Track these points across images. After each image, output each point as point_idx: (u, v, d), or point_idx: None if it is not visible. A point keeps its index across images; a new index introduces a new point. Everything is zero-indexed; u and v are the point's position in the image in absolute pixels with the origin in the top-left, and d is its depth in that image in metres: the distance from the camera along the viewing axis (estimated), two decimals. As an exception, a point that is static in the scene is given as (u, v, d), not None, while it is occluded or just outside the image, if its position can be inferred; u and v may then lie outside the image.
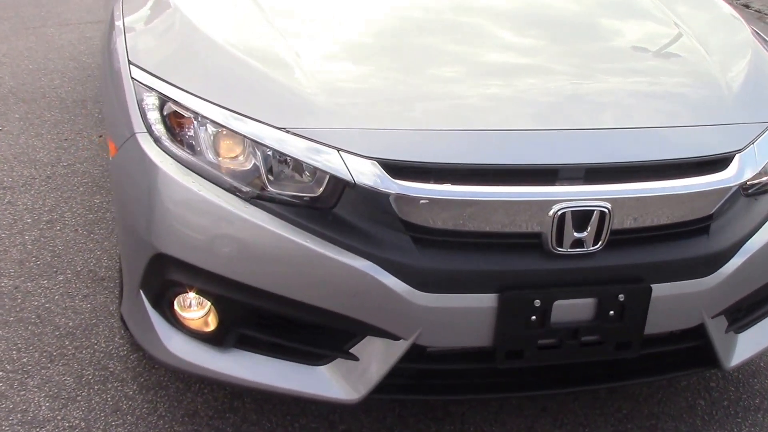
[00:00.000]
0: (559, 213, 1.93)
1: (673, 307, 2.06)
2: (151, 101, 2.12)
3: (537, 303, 1.95)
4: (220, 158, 2.02)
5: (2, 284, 2.93)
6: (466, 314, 1.96)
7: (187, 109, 2.05)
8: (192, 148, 2.04)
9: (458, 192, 1.91)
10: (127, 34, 2.33)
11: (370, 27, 2.43)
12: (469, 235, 1.96)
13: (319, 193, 1.95)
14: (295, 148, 1.94)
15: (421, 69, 2.18)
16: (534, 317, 1.97)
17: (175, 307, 2.09)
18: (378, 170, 1.89)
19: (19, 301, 2.83)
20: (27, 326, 2.70)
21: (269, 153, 1.97)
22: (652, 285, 2.01)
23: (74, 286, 2.94)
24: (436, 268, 1.93)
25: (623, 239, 2.02)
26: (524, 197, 1.93)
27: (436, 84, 2.12)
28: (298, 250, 1.92)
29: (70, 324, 2.73)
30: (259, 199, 1.97)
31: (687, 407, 2.54)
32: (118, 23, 2.45)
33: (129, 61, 2.23)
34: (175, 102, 2.08)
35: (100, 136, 4.26)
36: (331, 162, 1.90)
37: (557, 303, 1.97)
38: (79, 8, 6.48)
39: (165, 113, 2.10)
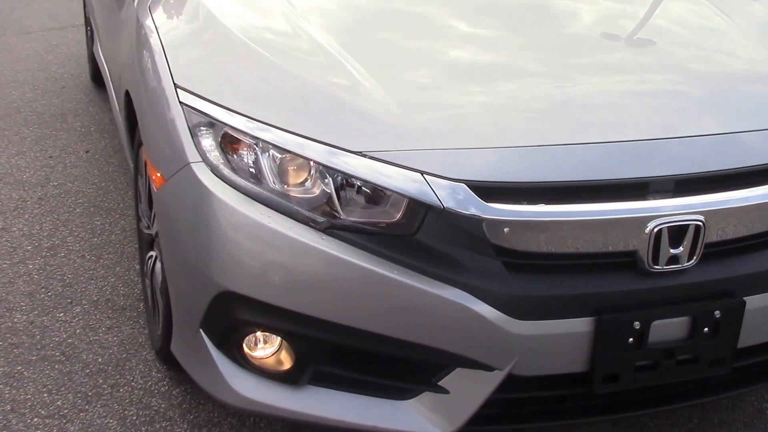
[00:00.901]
0: (656, 229, 1.86)
1: (765, 320, 2.01)
2: (204, 128, 1.99)
3: (636, 325, 1.89)
4: (285, 186, 1.90)
5: (16, 319, 2.76)
6: (563, 340, 1.89)
7: (246, 135, 1.93)
8: (254, 177, 1.91)
9: (553, 212, 1.83)
10: (168, 53, 2.19)
11: (433, 39, 2.33)
12: (562, 257, 1.88)
13: (396, 219, 1.85)
14: (373, 172, 1.84)
15: (496, 81, 2.10)
16: (631, 339, 1.91)
17: (244, 347, 1.97)
18: (468, 193, 1.80)
19: (39, 337, 2.68)
20: (53, 365, 2.55)
21: (342, 179, 1.85)
22: (744, 298, 1.96)
23: (94, 317, 2.79)
24: (530, 294, 1.85)
25: (715, 252, 1.96)
26: (621, 214, 1.86)
27: (515, 97, 2.04)
28: (383, 281, 1.82)
29: (100, 360, 2.58)
30: (334, 228, 1.85)
31: (755, 412, 2.51)
32: (153, 39, 2.31)
33: (175, 84, 2.10)
34: (233, 128, 1.96)
35: (87, 152, 4.09)
36: (415, 186, 1.81)
37: (655, 323, 1.91)
38: (39, 14, 6.25)
39: (219, 140, 1.97)
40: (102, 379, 2.51)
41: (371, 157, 1.84)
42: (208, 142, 1.97)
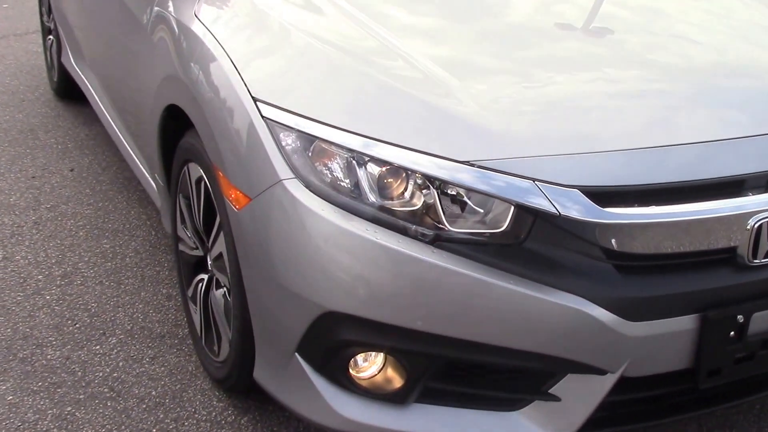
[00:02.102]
0: (757, 225, 1.94)
1: None
2: (294, 142, 1.99)
3: (740, 318, 1.96)
4: (385, 200, 1.91)
5: (49, 356, 2.70)
6: (672, 338, 1.96)
7: (341, 148, 1.93)
8: (352, 191, 1.92)
9: (663, 214, 1.89)
10: (237, 65, 2.16)
11: (509, 39, 2.36)
12: (667, 257, 1.95)
13: (504, 228, 1.89)
14: (482, 182, 1.87)
15: (585, 81, 2.14)
16: (733, 332, 1.98)
17: (350, 368, 1.98)
18: (582, 199, 1.84)
19: (80, 374, 2.63)
20: (105, 402, 2.51)
21: (447, 190, 1.88)
22: None
23: (134, 348, 2.75)
24: (641, 295, 1.91)
25: None
26: (726, 212, 1.94)
27: (609, 97, 2.10)
28: (496, 291, 1.86)
29: (153, 393, 2.55)
30: (440, 240, 1.87)
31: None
32: (212, 49, 2.26)
33: (254, 98, 2.08)
34: (327, 141, 1.96)
35: (72, 170, 4.01)
36: (529, 194, 1.84)
37: (755, 315, 1.99)
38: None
39: (310, 154, 1.97)
40: (162, 413, 2.48)
41: (480, 167, 1.86)
42: (300, 158, 1.97)
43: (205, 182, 2.38)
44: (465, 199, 1.90)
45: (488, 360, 1.92)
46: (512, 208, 1.86)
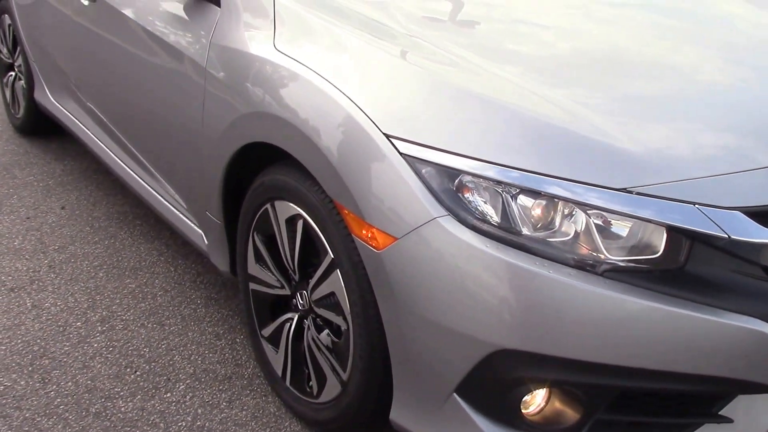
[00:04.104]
0: None
1: None
2: (438, 178, 1.85)
3: None
4: (539, 231, 1.80)
5: (123, 409, 2.44)
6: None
7: (489, 180, 1.81)
8: (505, 225, 1.80)
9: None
10: (354, 99, 1.99)
11: (619, 54, 2.28)
12: None
13: (660, 254, 1.81)
14: (640, 208, 1.77)
15: (731, 104, 2.07)
16: None
17: (521, 405, 1.85)
18: (745, 220, 1.78)
19: (163, 426, 2.38)
20: (200, 453, 2.27)
21: (603, 218, 1.79)
22: None
23: (206, 392, 2.52)
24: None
25: None
26: None
27: (758, 116, 2.03)
28: (670, 317, 1.76)
29: (246, 439, 2.33)
30: (608, 269, 1.78)
31: None
32: (318, 82, 2.08)
33: (386, 134, 1.92)
34: (473, 175, 1.83)
35: (63, 208, 3.68)
36: (691, 218, 1.77)
37: None
38: None
39: (455, 188, 1.84)
40: (264, 458, 2.26)
41: (639, 193, 1.77)
42: (448, 194, 1.83)
43: (304, 221, 2.19)
44: (621, 226, 1.79)
45: (663, 387, 1.83)
46: (666, 232, 1.77)
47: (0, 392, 2.47)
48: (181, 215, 2.90)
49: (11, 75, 4.50)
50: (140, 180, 3.19)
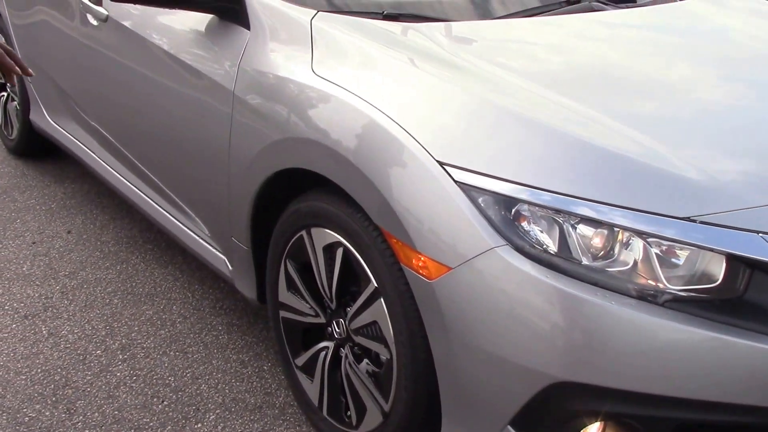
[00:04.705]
0: None
1: None
2: (495, 206, 1.83)
3: None
4: (596, 260, 1.79)
5: (153, 440, 2.37)
6: None
7: (548, 208, 1.79)
8: (563, 254, 1.78)
9: None
10: (402, 124, 1.96)
11: (666, 79, 2.28)
12: None
13: (718, 283, 1.79)
14: (705, 237, 1.76)
15: (751, 116, 2.07)
16: None
17: (578, 437, 1.82)
18: None
19: (196, 456, 2.32)
20: (238, 485, 2.22)
21: (663, 247, 1.77)
22: None
23: (238, 423, 2.47)
24: None
25: None
26: None
27: None
28: (730, 348, 1.74)
29: (285, 470, 2.28)
30: (669, 299, 1.76)
31: None
32: (363, 108, 2.04)
33: (439, 161, 1.89)
34: (531, 203, 1.81)
35: (69, 232, 3.60)
36: (758, 248, 1.75)
37: None
38: None
39: (512, 217, 1.82)
40: (305, 490, 2.21)
41: (703, 222, 1.76)
42: (506, 223, 1.81)
43: (345, 248, 2.15)
44: (679, 255, 1.78)
45: (722, 419, 1.80)
46: (725, 261, 1.76)
47: (26, 423, 2.40)
48: (201, 240, 2.85)
49: (3, 95, 4.41)
50: (154, 203, 3.12)
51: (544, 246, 1.79)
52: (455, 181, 1.86)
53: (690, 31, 2.73)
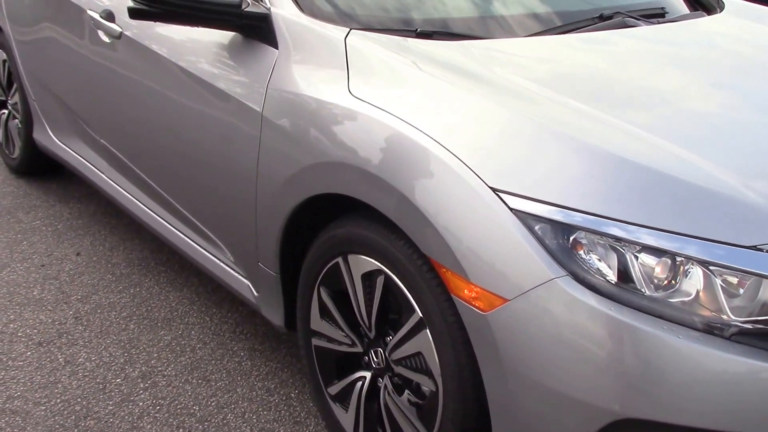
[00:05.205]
0: None
1: None
2: (552, 234, 1.75)
3: None
4: (658, 290, 1.71)
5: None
6: None
7: (607, 236, 1.72)
8: (625, 284, 1.70)
9: None
10: (451, 148, 1.88)
11: (718, 100, 2.21)
12: None
13: (780, 313, 1.73)
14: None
15: None
16: None
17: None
18: None
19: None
20: None
21: (726, 277, 1.70)
22: None
23: (269, 454, 2.36)
24: None
25: None
26: None
27: None
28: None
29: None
30: (737, 333, 1.69)
31: None
32: (407, 131, 1.95)
33: (492, 188, 1.81)
34: (591, 231, 1.73)
35: (78, 254, 3.49)
36: None
37: None
38: None
39: (570, 245, 1.74)
40: None
41: None
42: (565, 252, 1.73)
43: (386, 277, 2.06)
44: (743, 285, 1.71)
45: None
46: None
47: (48, 461, 2.29)
48: (222, 264, 2.75)
49: (4, 113, 4.30)
50: (169, 226, 3.02)
51: (605, 276, 1.71)
52: (510, 209, 1.77)
53: (734, 48, 2.67)
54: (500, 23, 2.52)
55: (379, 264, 2.09)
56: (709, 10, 3.01)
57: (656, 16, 2.77)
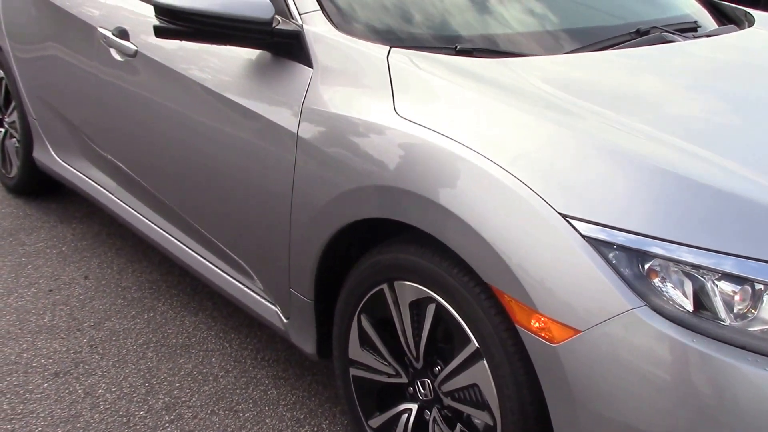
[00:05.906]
0: None
1: None
2: (626, 262, 1.66)
3: None
4: (737, 321, 1.63)
5: None
6: None
7: (688, 264, 1.64)
8: (705, 314, 1.62)
9: None
10: (515, 173, 1.78)
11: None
12: None
13: None
14: None
15: None
16: None
17: None
18: None
19: None
20: None
21: None
22: None
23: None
24: None
25: None
26: None
27: None
28: None
29: None
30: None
31: None
32: (463, 153, 1.86)
33: (562, 214, 1.72)
34: (668, 259, 1.65)
35: (86, 278, 3.35)
36: None
37: None
38: None
39: (644, 273, 1.65)
40: None
41: None
42: (641, 281, 1.64)
43: (437, 305, 1.96)
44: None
45: None
46: None
47: (76, 502, 2.15)
48: (246, 289, 2.63)
49: (1, 131, 4.14)
50: (185, 247, 2.89)
51: (682, 305, 1.62)
52: (582, 236, 1.68)
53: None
54: (538, 40, 2.43)
55: (429, 291, 1.98)
56: (738, 24, 2.94)
57: (689, 30, 2.70)
